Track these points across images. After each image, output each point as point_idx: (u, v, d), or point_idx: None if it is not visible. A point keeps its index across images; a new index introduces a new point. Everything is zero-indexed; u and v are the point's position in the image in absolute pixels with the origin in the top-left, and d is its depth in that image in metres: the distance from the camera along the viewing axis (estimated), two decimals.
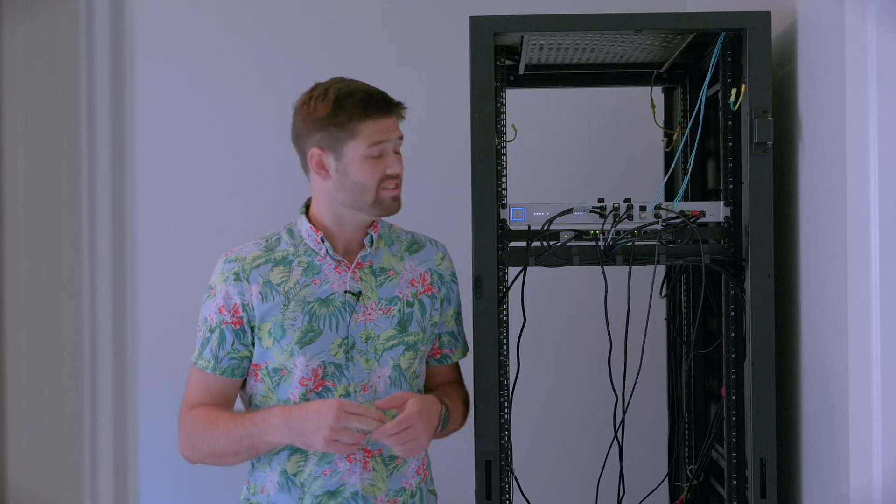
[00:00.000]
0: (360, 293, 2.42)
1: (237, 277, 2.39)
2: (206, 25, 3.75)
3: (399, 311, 2.45)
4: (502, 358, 2.57)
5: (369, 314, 2.43)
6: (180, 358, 3.73)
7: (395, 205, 2.40)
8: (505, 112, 2.60)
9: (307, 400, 2.38)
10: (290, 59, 3.70)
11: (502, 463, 2.56)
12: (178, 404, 2.46)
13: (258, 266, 2.40)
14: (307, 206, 2.49)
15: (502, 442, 2.56)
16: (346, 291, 2.41)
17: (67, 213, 1.22)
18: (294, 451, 2.41)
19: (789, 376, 2.58)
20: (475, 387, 2.55)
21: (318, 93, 2.37)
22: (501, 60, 2.61)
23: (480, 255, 2.54)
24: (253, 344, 2.41)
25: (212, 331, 2.41)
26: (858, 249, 2.13)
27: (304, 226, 2.44)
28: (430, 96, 3.67)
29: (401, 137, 2.42)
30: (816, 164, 2.42)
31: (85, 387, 1.24)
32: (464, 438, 2.68)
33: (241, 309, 2.39)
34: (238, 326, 2.40)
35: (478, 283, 2.54)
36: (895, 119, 2.05)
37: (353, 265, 2.43)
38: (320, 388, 2.39)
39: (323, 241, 2.41)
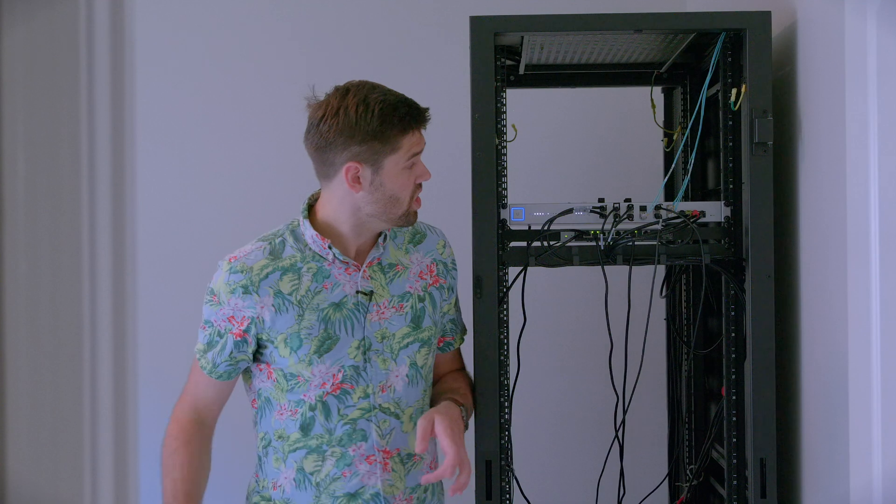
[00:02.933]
0: (371, 292, 2.38)
1: (246, 290, 2.31)
2: (203, 25, 3.75)
3: (412, 307, 2.42)
4: (502, 358, 2.57)
5: (383, 313, 2.39)
6: (180, 358, 3.73)
7: (416, 217, 2.40)
8: (505, 112, 2.60)
9: (323, 403, 2.36)
10: (289, 59, 3.69)
11: (502, 463, 2.56)
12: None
13: (266, 276, 2.33)
14: (310, 207, 2.41)
15: (502, 442, 2.56)
16: (357, 292, 2.36)
17: (67, 213, 1.22)
18: (311, 450, 2.38)
19: (789, 376, 2.58)
20: (475, 387, 2.55)
21: (355, 103, 2.27)
22: (502, 60, 2.61)
23: (480, 255, 2.54)
24: (253, 355, 2.38)
25: (220, 336, 2.36)
26: (858, 249, 2.13)
27: (308, 232, 2.37)
28: (430, 96, 3.65)
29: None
30: (816, 164, 2.42)
31: (85, 387, 1.24)
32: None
33: (248, 322, 2.33)
34: (240, 338, 2.35)
35: (478, 283, 2.53)
36: (895, 119, 2.05)
37: (364, 265, 2.38)
38: (338, 392, 2.36)
39: (330, 248, 2.35)
